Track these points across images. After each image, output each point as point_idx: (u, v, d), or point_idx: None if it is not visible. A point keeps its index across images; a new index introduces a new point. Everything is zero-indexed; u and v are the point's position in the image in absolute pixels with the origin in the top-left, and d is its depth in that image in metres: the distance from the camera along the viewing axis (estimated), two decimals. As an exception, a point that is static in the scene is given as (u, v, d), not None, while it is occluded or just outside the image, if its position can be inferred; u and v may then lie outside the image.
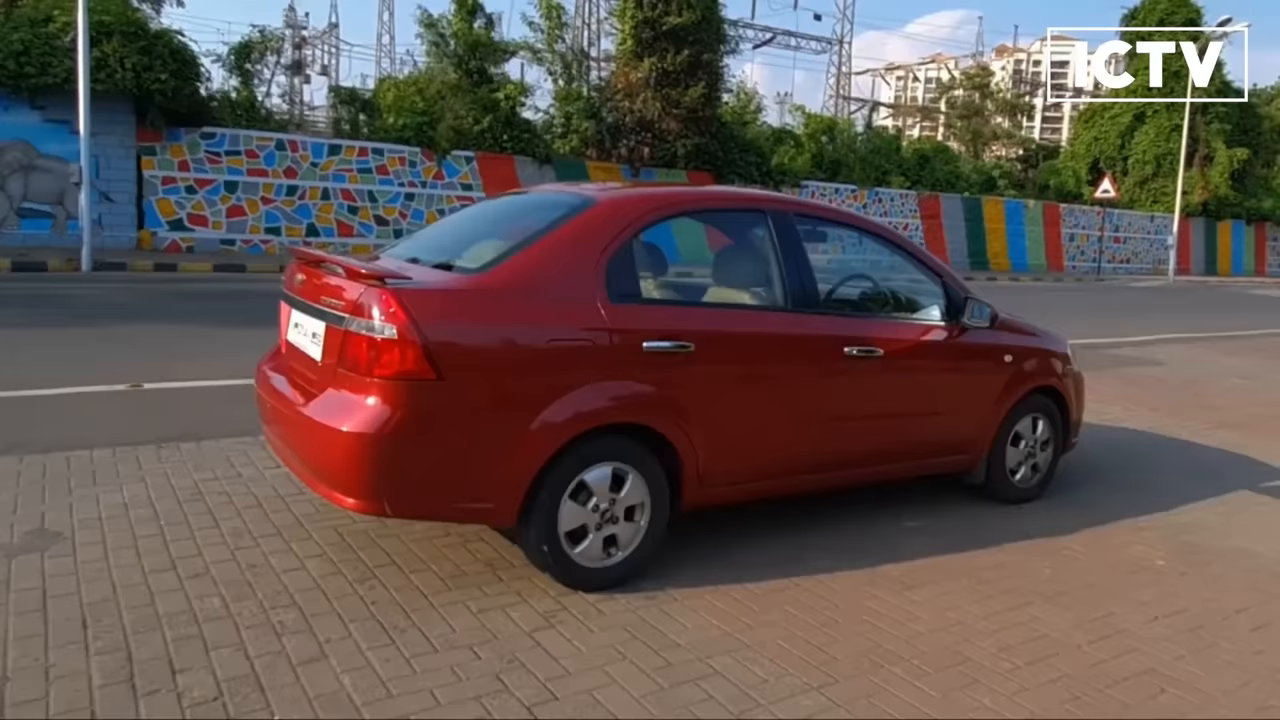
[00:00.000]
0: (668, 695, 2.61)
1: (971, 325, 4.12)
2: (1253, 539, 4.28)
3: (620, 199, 3.48)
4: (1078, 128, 37.83)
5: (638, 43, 19.74)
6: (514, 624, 2.98)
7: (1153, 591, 3.59)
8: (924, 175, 28.56)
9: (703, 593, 3.32)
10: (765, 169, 22.93)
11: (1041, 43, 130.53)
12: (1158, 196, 32.94)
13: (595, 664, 2.75)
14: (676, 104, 19.82)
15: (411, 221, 18.52)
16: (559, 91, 21.44)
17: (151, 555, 3.36)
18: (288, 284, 3.58)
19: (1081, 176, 33.66)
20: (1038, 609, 3.35)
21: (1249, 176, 34.59)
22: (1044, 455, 4.61)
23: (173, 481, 4.20)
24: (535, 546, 3.12)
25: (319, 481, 3.09)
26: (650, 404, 3.23)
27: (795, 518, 4.07)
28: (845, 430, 3.82)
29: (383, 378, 2.86)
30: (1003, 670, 2.87)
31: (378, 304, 2.87)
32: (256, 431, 5.04)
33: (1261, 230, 35.92)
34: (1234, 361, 10.75)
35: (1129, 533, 4.26)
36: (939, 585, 3.51)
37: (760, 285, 3.65)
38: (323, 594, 3.12)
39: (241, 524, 3.73)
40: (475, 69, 19.06)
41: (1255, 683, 2.89)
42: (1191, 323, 14.95)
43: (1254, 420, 7.22)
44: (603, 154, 20.57)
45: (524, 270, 3.11)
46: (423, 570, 3.36)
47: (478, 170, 19.15)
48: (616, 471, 3.21)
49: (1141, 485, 5.09)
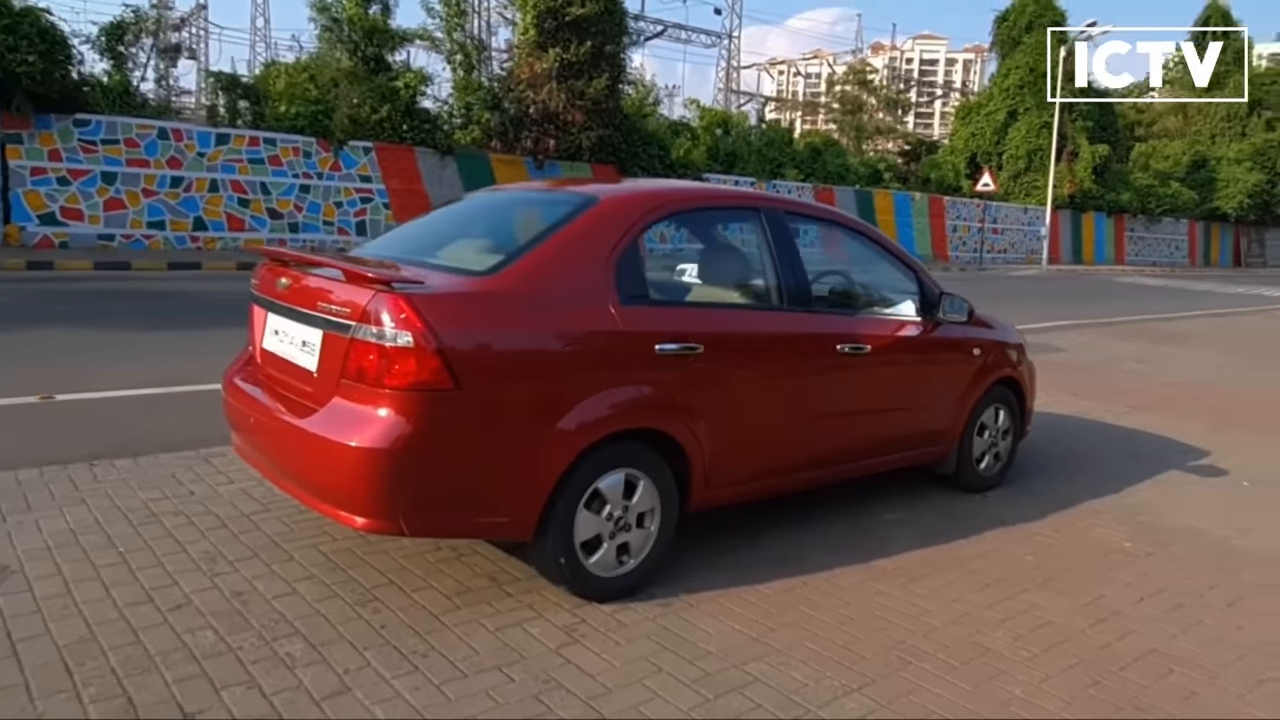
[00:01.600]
0: (715, 706, 2.56)
1: (946, 320, 4.21)
2: (1197, 517, 4.54)
3: (624, 197, 3.38)
4: (956, 124, 39.55)
5: (540, 33, 19.43)
6: (537, 641, 2.86)
7: (1129, 573, 3.76)
8: (816, 168, 29.30)
9: (715, 597, 3.28)
10: (668, 161, 23.01)
11: (914, 41, 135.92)
12: (1029, 190, 34.77)
13: (634, 678, 2.67)
14: (580, 96, 19.63)
15: (308, 214, 17.73)
16: (458, 81, 20.90)
17: (120, 587, 3.07)
18: (263, 287, 3.33)
19: (961, 170, 35.22)
20: (1034, 596, 3.45)
21: (1108, 171, 36.96)
22: (1005, 444, 4.78)
23: (118, 503, 3.86)
24: (551, 559, 3.00)
25: (320, 500, 2.88)
26: (662, 407, 3.16)
27: (785, 515, 4.07)
28: (837, 426, 3.84)
29: (396, 388, 2.68)
30: (1022, 659, 2.95)
31: (389, 310, 2.69)
32: (197, 445, 4.75)
33: (1120, 221, 38.46)
34: (1124, 346, 11.45)
35: (1090, 516, 4.46)
36: (936, 577, 3.58)
37: (758, 284, 3.63)
38: (325, 620, 2.92)
39: (211, 547, 3.46)
40: (372, 56, 18.35)
41: (1248, 657, 3.06)
42: (1075, 310, 15.84)
43: (1160, 402, 7.71)
44: (506, 146, 20.19)
45: (535, 272, 2.98)
46: (424, 589, 3.19)
47: (377, 161, 18.48)
48: (629, 478, 3.12)
49: (1086, 470, 5.34)
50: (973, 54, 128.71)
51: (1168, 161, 42.26)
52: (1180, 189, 40.43)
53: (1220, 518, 4.54)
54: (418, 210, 19.03)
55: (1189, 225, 42.17)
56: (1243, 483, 5.27)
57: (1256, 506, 4.82)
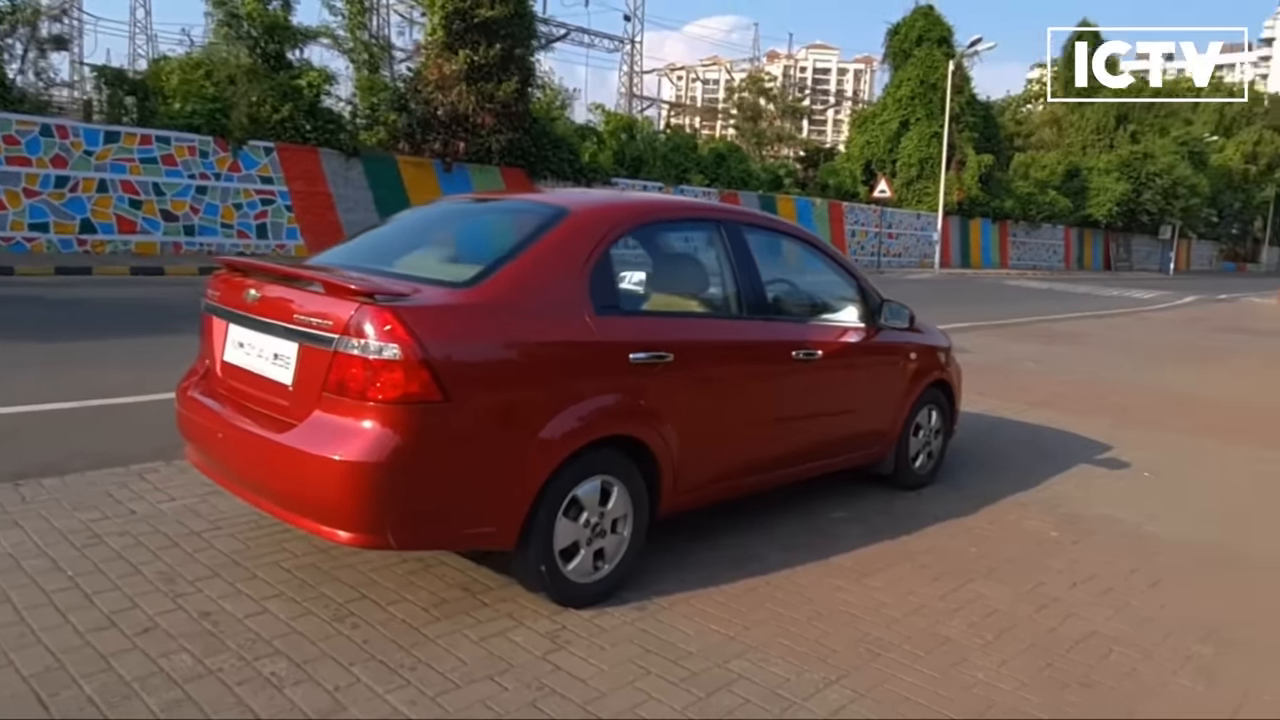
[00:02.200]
0: (708, 704, 2.64)
1: (886, 326, 4.43)
2: (1111, 506, 4.90)
3: (594, 209, 3.43)
4: (852, 132, 40.97)
5: (448, 34, 19.18)
6: (522, 649, 2.89)
7: (1061, 560, 4.03)
8: (721, 173, 29.85)
9: (686, 599, 3.37)
10: (577, 166, 23.05)
11: (807, 50, 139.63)
12: (921, 196, 36.27)
13: (624, 681, 2.73)
14: (490, 98, 19.47)
15: (204, 216, 17.01)
16: (362, 81, 20.44)
17: (78, 611, 2.94)
18: (225, 299, 3.24)
19: (857, 177, 36.48)
20: (979, 586, 3.68)
21: (993, 180, 38.92)
22: (936, 443, 5.04)
23: (55, 524, 3.68)
24: (532, 567, 3.03)
25: (298, 515, 2.84)
26: (636, 414, 3.23)
27: (740, 517, 4.19)
28: (792, 429, 4.00)
29: (384, 401, 2.67)
30: (979, 646, 3.14)
31: (374, 322, 2.68)
32: (126, 461, 4.56)
33: (1004, 227, 40.53)
34: (1018, 347, 12.13)
35: (1017, 509, 4.75)
36: (889, 572, 3.77)
37: (720, 294, 3.74)
38: (303, 638, 2.87)
39: (167, 567, 3.34)
40: (273, 53, 17.75)
41: (1175, 634, 3.34)
42: (971, 312, 16.63)
43: (1057, 399, 8.22)
44: (414, 148, 19.84)
45: (515, 283, 3.00)
46: (399, 601, 3.17)
47: (279, 162, 17.88)
48: (604, 484, 3.19)
49: (1004, 465, 5.67)
50: (863, 64, 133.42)
51: (1045, 171, 44.78)
52: (1057, 197, 42.91)
53: (1131, 507, 4.91)
54: (322, 213, 18.63)
55: (1065, 231, 44.79)
56: (1144, 474, 5.69)
57: (1160, 496, 5.23)
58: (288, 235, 18.16)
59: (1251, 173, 60.77)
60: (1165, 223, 49.21)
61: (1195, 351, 13.35)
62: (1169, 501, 5.10)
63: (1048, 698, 2.82)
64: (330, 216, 18.74)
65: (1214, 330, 16.84)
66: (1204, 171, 51.69)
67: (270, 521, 3.83)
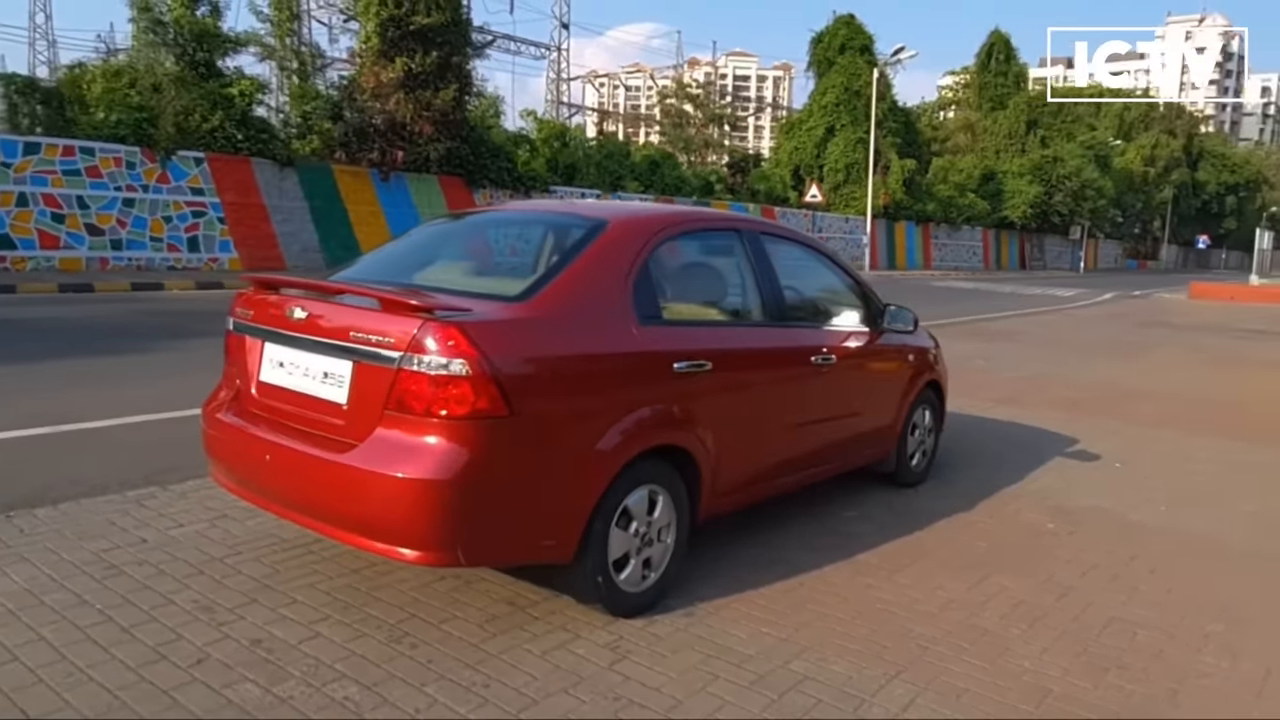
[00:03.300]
0: (782, 705, 2.70)
1: (889, 329, 4.56)
2: (1094, 497, 5.13)
3: (631, 220, 3.46)
4: (780, 138, 41.77)
5: (383, 41, 18.90)
6: (587, 661, 2.90)
7: (1065, 551, 4.22)
8: (655, 180, 30.08)
9: (729, 603, 3.42)
10: (515, 175, 22.94)
11: (727, 57, 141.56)
12: (848, 201, 37.18)
13: (696, 687, 2.77)
14: (428, 106, 19.25)
15: (132, 230, 16.38)
16: (293, 89, 19.98)
17: (121, 646, 2.84)
18: (261, 317, 3.16)
19: (787, 182, 37.21)
20: (1001, 579, 3.82)
21: (915, 184, 40.15)
22: (930, 441, 5.21)
23: (64, 556, 3.53)
24: (590, 578, 3.04)
25: (360, 536, 2.79)
26: (680, 423, 3.27)
27: (757, 521, 4.26)
28: (812, 431, 4.09)
29: (452, 417, 2.65)
30: (1017, 635, 3.27)
31: (439, 339, 2.66)
32: (120, 488, 4.39)
33: (928, 230, 41.84)
34: (965, 345, 12.53)
35: (1011, 503, 4.94)
36: (913, 568, 3.88)
37: (747, 302, 3.81)
38: (365, 660, 2.83)
39: (199, 595, 3.24)
40: (202, 61, 17.19)
41: (1190, 615, 3.53)
42: (910, 313, 17.10)
43: (1017, 395, 8.54)
44: (351, 157, 19.46)
45: (565, 296, 3.01)
46: (451, 619, 3.14)
47: (210, 173, 17.33)
48: (650, 493, 3.22)
49: (986, 461, 5.88)
50: (782, 70, 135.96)
51: (962, 175, 46.38)
52: (975, 200, 44.49)
53: (1112, 497, 5.15)
54: (256, 224, 18.14)
55: (983, 233, 46.45)
56: (1115, 465, 5.97)
57: (1133, 486, 5.49)
58: (221, 248, 17.62)
59: (1150, 175, 64.10)
60: (1075, 223, 51.55)
61: (1125, 346, 14.01)
62: (1143, 491, 5.36)
63: (1093, 681, 2.95)
64: (265, 228, 18.25)
65: (1137, 325, 17.70)
66: (1108, 174, 54.28)
67: (293, 544, 3.75)
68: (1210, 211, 73.94)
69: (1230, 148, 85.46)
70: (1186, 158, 69.47)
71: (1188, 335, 16.21)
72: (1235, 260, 79.48)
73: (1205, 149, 74.10)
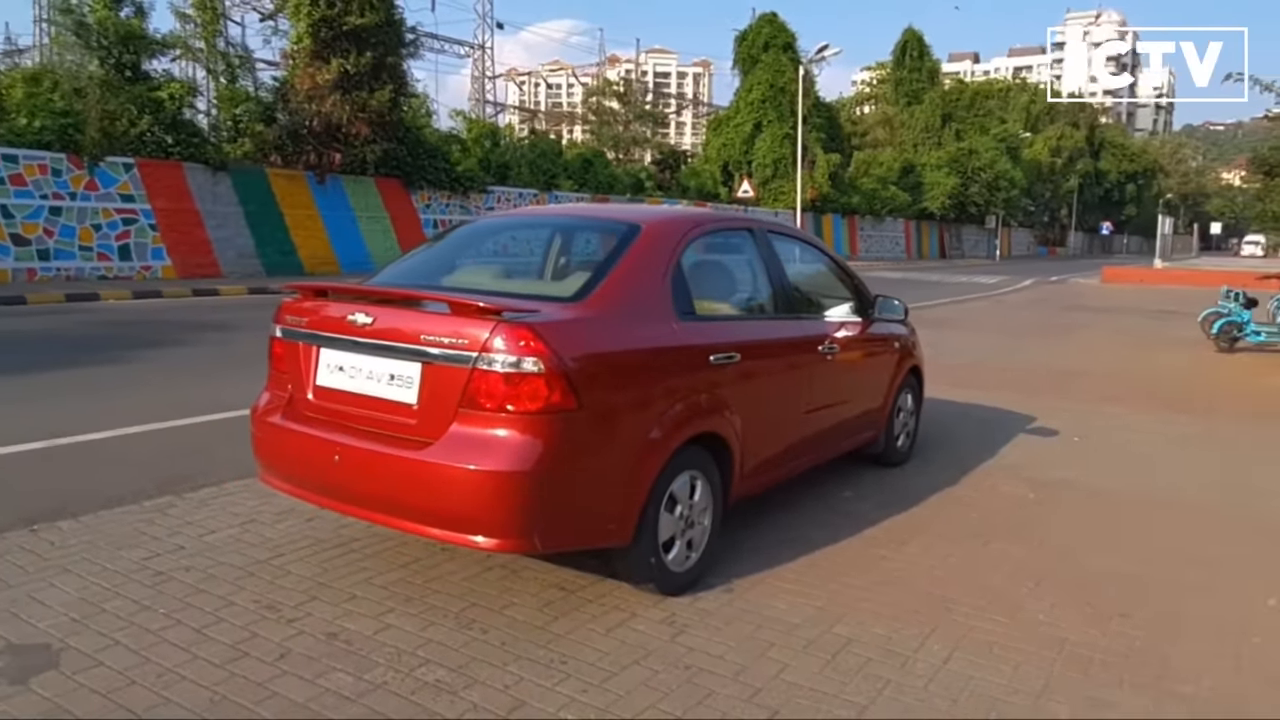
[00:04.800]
0: (838, 663, 2.95)
1: (879, 318, 4.87)
2: (1062, 470, 5.54)
3: (662, 222, 3.65)
4: (708, 135, 42.33)
5: (315, 42, 18.60)
6: (649, 636, 3.10)
7: (1050, 517, 4.59)
8: (589, 178, 30.23)
9: (762, 579, 3.66)
10: (453, 175, 22.82)
11: (646, 54, 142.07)
12: (777, 195, 37.96)
13: (757, 653, 3.00)
14: (363, 108, 19.02)
15: (60, 239, 15.80)
16: (221, 92, 19.50)
17: (201, 645, 2.93)
18: (317, 324, 3.26)
19: (717, 178, 37.80)
20: (999, 545, 4.15)
21: (840, 178, 41.21)
22: (912, 423, 5.55)
23: (107, 566, 3.57)
24: (644, 559, 3.24)
25: (435, 527, 2.94)
26: (717, 411, 3.49)
27: (768, 504, 4.50)
28: (820, 417, 4.36)
29: (527, 412, 2.82)
30: (1026, 593, 3.59)
31: (512, 339, 2.82)
32: (137, 498, 4.40)
33: (853, 222, 43.00)
34: (908, 333, 13.04)
35: (989, 477, 5.31)
36: (918, 540, 4.18)
37: (762, 296, 4.06)
38: (444, 646, 2.97)
39: (259, 595, 3.33)
40: (129, 63, 16.66)
41: (1171, 567, 3.92)
42: (850, 303, 17.67)
43: (970, 379, 9.00)
44: (286, 160, 19.10)
45: (615, 295, 3.20)
46: (511, 605, 3.30)
47: (140, 179, 16.81)
48: (691, 478, 3.43)
49: (957, 440, 6.26)
50: (701, 67, 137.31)
51: (883, 168, 47.75)
52: (897, 192, 45.86)
53: (1078, 469, 5.57)
54: (189, 230, 17.70)
55: (905, 224, 47.89)
56: (1074, 438, 6.43)
57: (1095, 458, 5.94)
58: (153, 256, 17.13)
59: (1057, 165, 67.05)
60: (990, 213, 53.51)
61: (1052, 329, 14.77)
62: (1104, 461, 5.81)
63: (1100, 629, 3.28)
64: (199, 234, 17.80)
65: (1060, 309, 18.64)
66: (1019, 165, 56.55)
67: (331, 544, 3.85)
68: (1112, 199, 77.71)
69: (1128, 138, 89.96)
70: (1089, 148, 72.87)
71: (1108, 317, 17.16)
72: (1135, 245, 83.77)
73: (1106, 139, 77.81)
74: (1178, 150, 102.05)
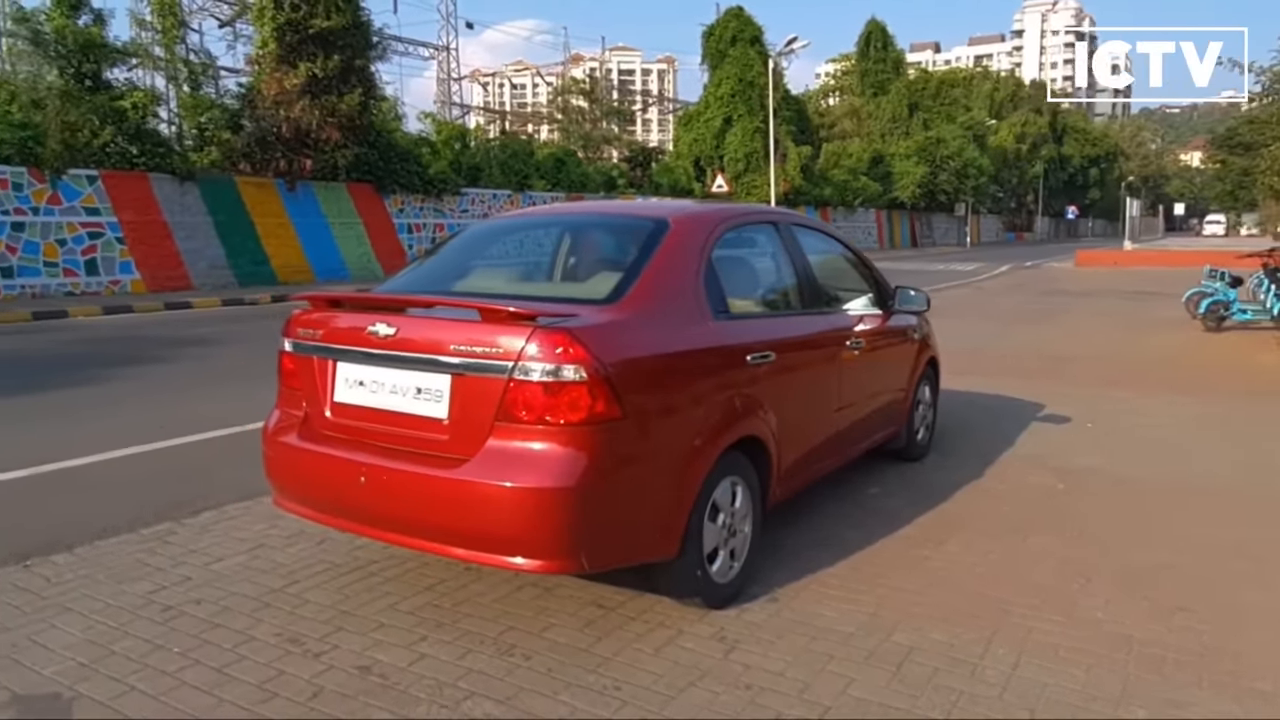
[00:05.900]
0: (904, 674, 2.80)
1: (899, 310, 4.73)
2: (1084, 457, 5.44)
3: (689, 217, 3.48)
4: (679, 131, 42.16)
5: (281, 46, 18.19)
6: (701, 654, 2.93)
7: (1083, 508, 4.47)
8: (561, 178, 29.95)
9: (805, 585, 3.51)
10: (425, 178, 22.47)
11: (610, 52, 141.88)
12: (750, 189, 37.86)
13: (817, 668, 2.84)
14: (333, 112, 18.64)
15: (24, 255, 15.30)
16: (184, 100, 19.04)
17: (225, 688, 2.72)
18: (334, 337, 3.05)
19: (690, 174, 37.62)
20: (1038, 539, 4.03)
21: (811, 170, 41.24)
22: (930, 415, 5.42)
23: (110, 602, 3.34)
24: (690, 572, 3.07)
25: (472, 549, 2.75)
26: (756, 414, 3.33)
27: (794, 507, 4.34)
28: (850, 413, 4.22)
29: (569, 424, 2.64)
30: (1077, 590, 3.47)
31: (550, 346, 2.64)
32: (133, 525, 4.16)
33: (826, 214, 43.02)
34: (896, 323, 12.97)
35: (1014, 467, 5.20)
36: (956, 537, 4.05)
37: (791, 291, 3.90)
38: (487, 676, 2.79)
39: (280, 628, 3.12)
40: (90, 73, 16.17)
41: (1218, 557, 3.81)
42: (833, 295, 17.60)
43: (968, 367, 8.88)
44: (255, 168, 18.68)
45: (650, 295, 3.03)
46: (551, 626, 3.12)
47: (105, 191, 16.32)
48: (732, 485, 3.27)
49: (971, 430, 6.15)
50: (665, 64, 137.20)
51: (853, 159, 47.86)
52: (868, 182, 45.99)
53: (1100, 456, 5.48)
54: (158, 243, 17.25)
55: (876, 214, 48.07)
56: (1086, 425, 6.35)
57: (1112, 443, 5.85)
58: (121, 270, 16.65)
59: (1022, 151, 67.67)
60: (959, 200, 53.89)
61: (1035, 314, 14.78)
62: (1124, 450, 5.70)
63: (1164, 624, 3.16)
64: (168, 246, 17.35)
65: (1040, 294, 18.71)
66: (985, 153, 56.99)
67: (347, 568, 3.65)
68: (1076, 184, 78.58)
69: (1089, 123, 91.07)
70: (1052, 134, 73.61)
71: (1088, 301, 17.23)
72: (1100, 228, 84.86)
73: (1068, 125, 78.61)
74: (1137, 133, 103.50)
